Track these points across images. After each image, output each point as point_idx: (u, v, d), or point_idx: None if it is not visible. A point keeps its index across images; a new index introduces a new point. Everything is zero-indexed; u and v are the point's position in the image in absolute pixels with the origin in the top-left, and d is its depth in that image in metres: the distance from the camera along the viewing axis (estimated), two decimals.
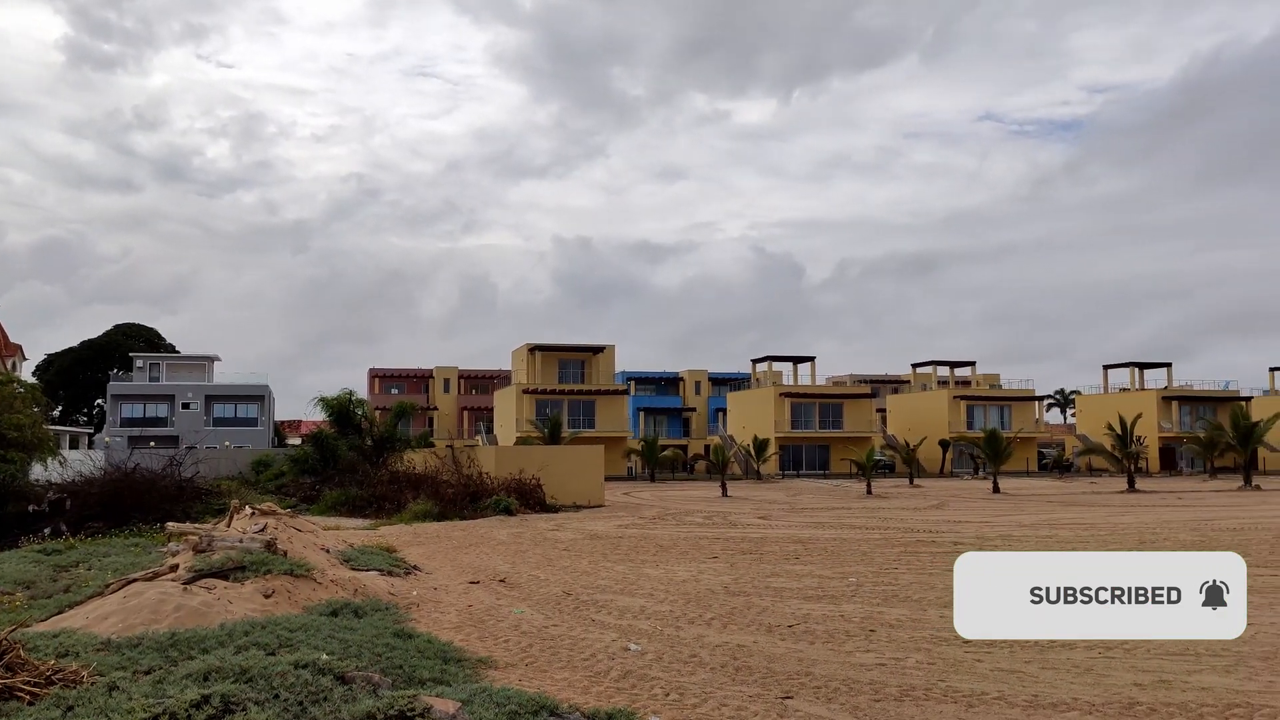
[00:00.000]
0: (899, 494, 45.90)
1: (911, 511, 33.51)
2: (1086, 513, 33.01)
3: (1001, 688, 8.99)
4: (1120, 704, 8.43)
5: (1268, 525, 26.98)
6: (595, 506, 35.12)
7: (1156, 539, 23.07)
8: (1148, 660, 10.03)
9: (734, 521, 29.25)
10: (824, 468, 73.36)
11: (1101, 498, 43.10)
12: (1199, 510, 34.02)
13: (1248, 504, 37.77)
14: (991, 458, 50.84)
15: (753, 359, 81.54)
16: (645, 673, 9.63)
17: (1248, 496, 43.82)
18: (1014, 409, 79.09)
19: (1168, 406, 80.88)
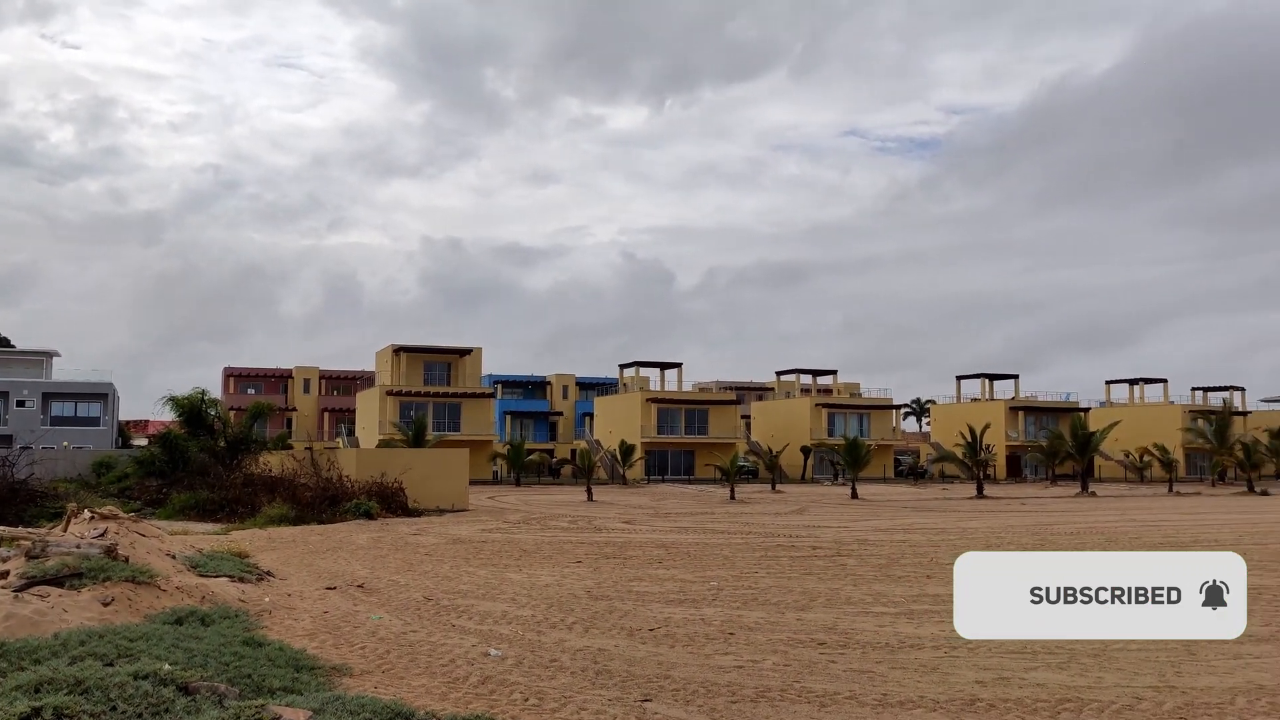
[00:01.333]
0: (762, 499, 46.80)
1: (773, 516, 34.20)
2: (938, 518, 34.29)
3: (853, 687, 9.25)
4: (963, 700, 8.78)
5: (1101, 530, 28.55)
6: (459, 510, 34.68)
7: (1001, 543, 24.12)
8: (989, 659, 10.47)
9: (599, 526, 29.30)
10: (689, 473, 74.22)
11: (953, 503, 44.85)
12: (1040, 516, 35.76)
13: (1084, 509, 39.89)
14: (851, 464, 52.31)
15: (620, 364, 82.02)
16: (505, 678, 9.55)
17: (1084, 502, 46.28)
18: (873, 417, 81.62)
19: (1014, 416, 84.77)
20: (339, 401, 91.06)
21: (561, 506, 39.71)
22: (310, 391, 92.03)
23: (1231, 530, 28.63)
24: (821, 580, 16.84)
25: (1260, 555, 21.51)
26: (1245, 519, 34.16)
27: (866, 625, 12.50)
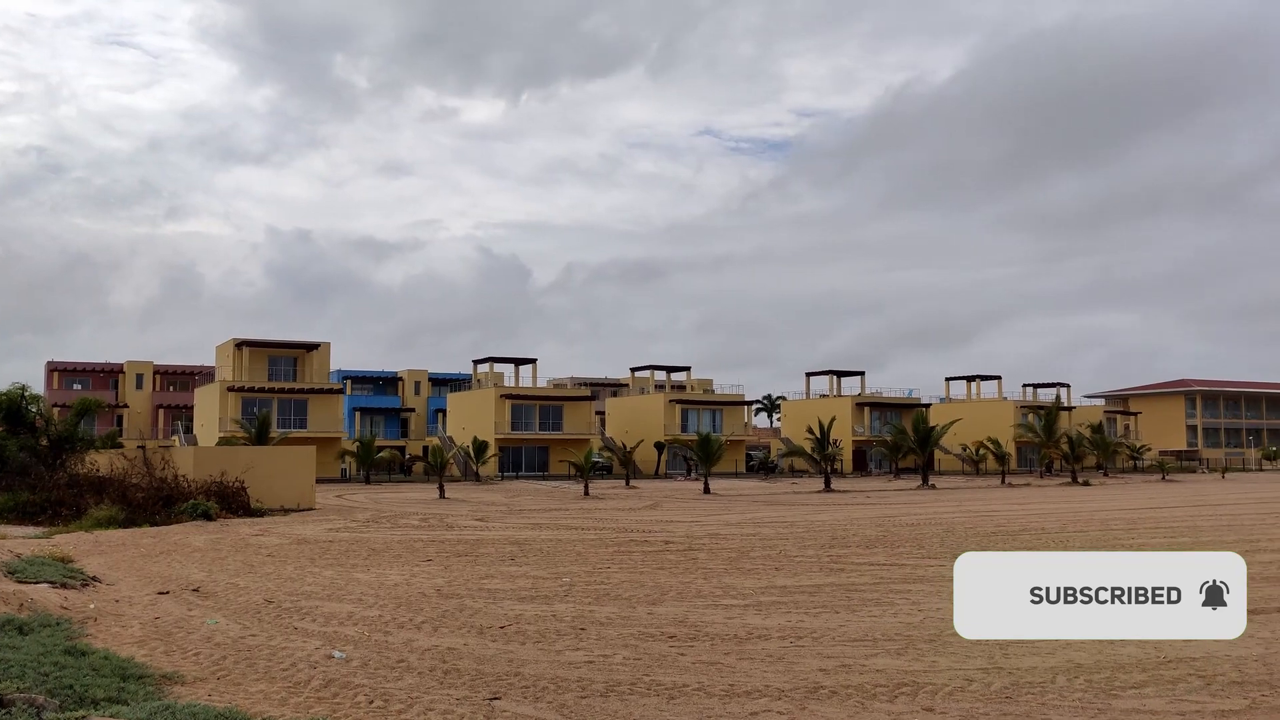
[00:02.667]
0: (615, 495, 47.04)
1: (626, 512, 34.40)
2: (787, 511, 35.16)
3: (701, 679, 9.35)
4: (806, 688, 8.99)
5: (940, 520, 29.81)
6: (305, 510, 33.62)
7: (847, 535, 24.87)
8: (832, 647, 10.76)
9: (451, 524, 28.89)
10: (544, 469, 73.98)
11: (801, 497, 46.07)
12: (883, 508, 37.09)
13: (924, 501, 41.61)
14: (703, 459, 53.12)
15: (474, 360, 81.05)
16: (349, 680, 9.27)
17: (925, 494, 48.29)
18: (725, 413, 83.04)
19: (861, 412, 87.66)
20: (176, 398, 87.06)
21: (413, 504, 38.97)
22: (144, 387, 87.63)
23: (1056, 518, 30.34)
24: (673, 574, 17.01)
25: (1081, 542, 22.86)
26: (1068, 508, 36.27)
27: (716, 618, 12.68)
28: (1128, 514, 32.96)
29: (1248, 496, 45.18)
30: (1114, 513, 33.60)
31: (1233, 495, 46.45)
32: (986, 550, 20.34)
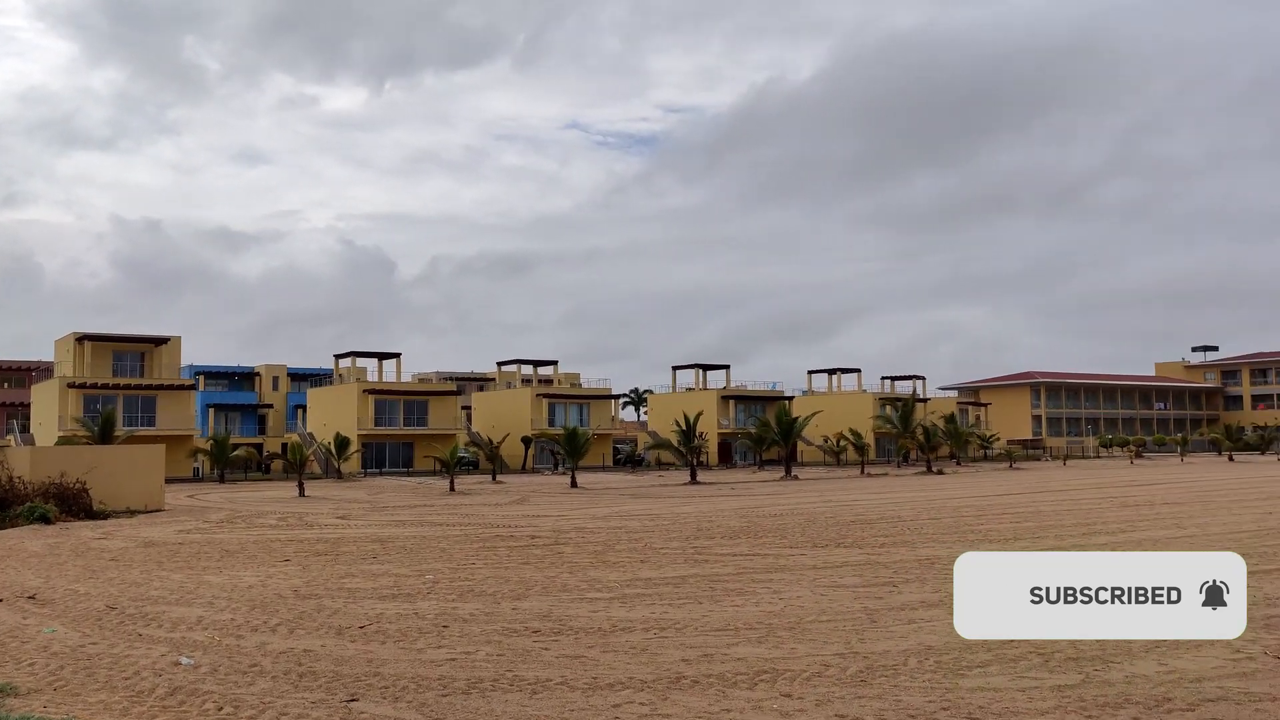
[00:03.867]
0: (482, 490, 46.57)
1: (493, 507, 34.10)
2: (654, 504, 35.43)
3: (565, 673, 9.32)
4: (669, 679, 9.06)
5: (802, 511, 30.53)
6: (154, 511, 32.17)
7: (712, 526, 25.21)
8: (695, 638, 10.88)
9: (310, 522, 28.09)
10: (408, 465, 72.70)
11: (668, 490, 46.50)
12: (748, 499, 37.76)
13: (788, 492, 42.54)
14: (570, 453, 53.07)
15: (336, 354, 79.00)
16: (197, 687, 8.90)
17: (788, 485, 49.38)
18: (593, 407, 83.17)
19: (726, 405, 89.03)
20: (10, 395, 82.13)
21: (270, 503, 37.75)
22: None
23: (912, 507, 31.44)
24: (539, 569, 16.93)
25: (934, 529, 23.73)
26: (923, 497, 37.65)
27: (581, 611, 12.67)
28: (978, 501, 34.42)
29: (1086, 482, 47.77)
30: (965, 500, 35.03)
31: (1073, 482, 49.03)
32: (914, 543, 20.90)
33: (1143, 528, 23.38)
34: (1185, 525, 23.81)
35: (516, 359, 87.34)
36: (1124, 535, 21.47)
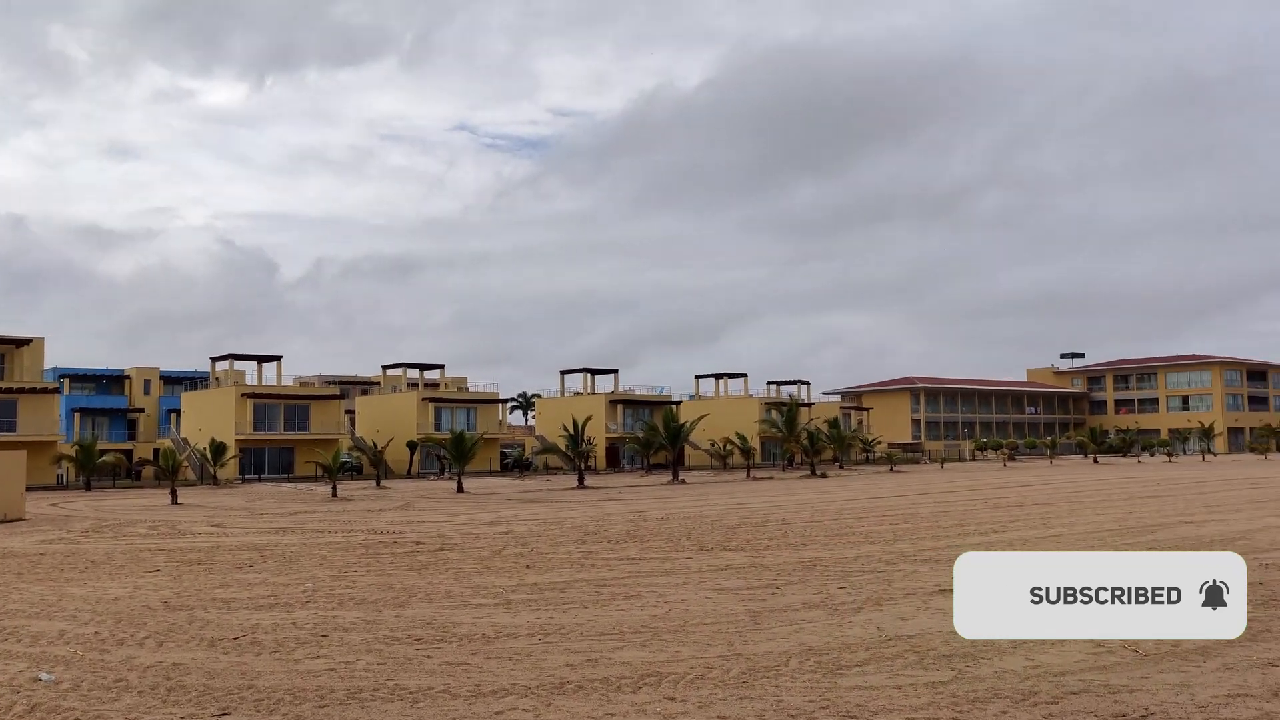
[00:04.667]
0: (365, 496, 45.63)
1: (376, 513, 33.45)
2: (541, 509, 35.26)
3: (447, 681, 9.19)
4: (553, 684, 9.01)
5: (688, 514, 30.78)
6: (13, 520, 30.58)
7: (599, 531, 25.21)
8: (580, 642, 10.85)
9: (183, 531, 27.08)
10: (289, 471, 70.73)
11: (555, 494, 46.34)
12: (635, 503, 37.89)
13: (675, 496, 42.85)
14: (457, 458, 52.43)
15: (213, 357, 76.39)
16: (58, 704, 8.49)
17: (675, 489, 49.73)
18: (480, 411, 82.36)
19: (614, 409, 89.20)
20: None
21: (141, 511, 36.26)
22: None
23: (796, 510, 32.01)
24: (423, 576, 16.66)
25: (816, 532, 24.20)
26: (807, 499, 38.38)
27: (465, 618, 12.51)
28: (859, 504, 35.24)
29: (961, 485, 49.39)
30: (847, 503, 35.83)
31: (950, 484, 50.63)
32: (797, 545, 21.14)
33: (1014, 528, 24.27)
34: (1053, 525, 24.80)
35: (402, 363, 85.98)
36: (996, 535, 22.25)
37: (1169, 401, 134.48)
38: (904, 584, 14.79)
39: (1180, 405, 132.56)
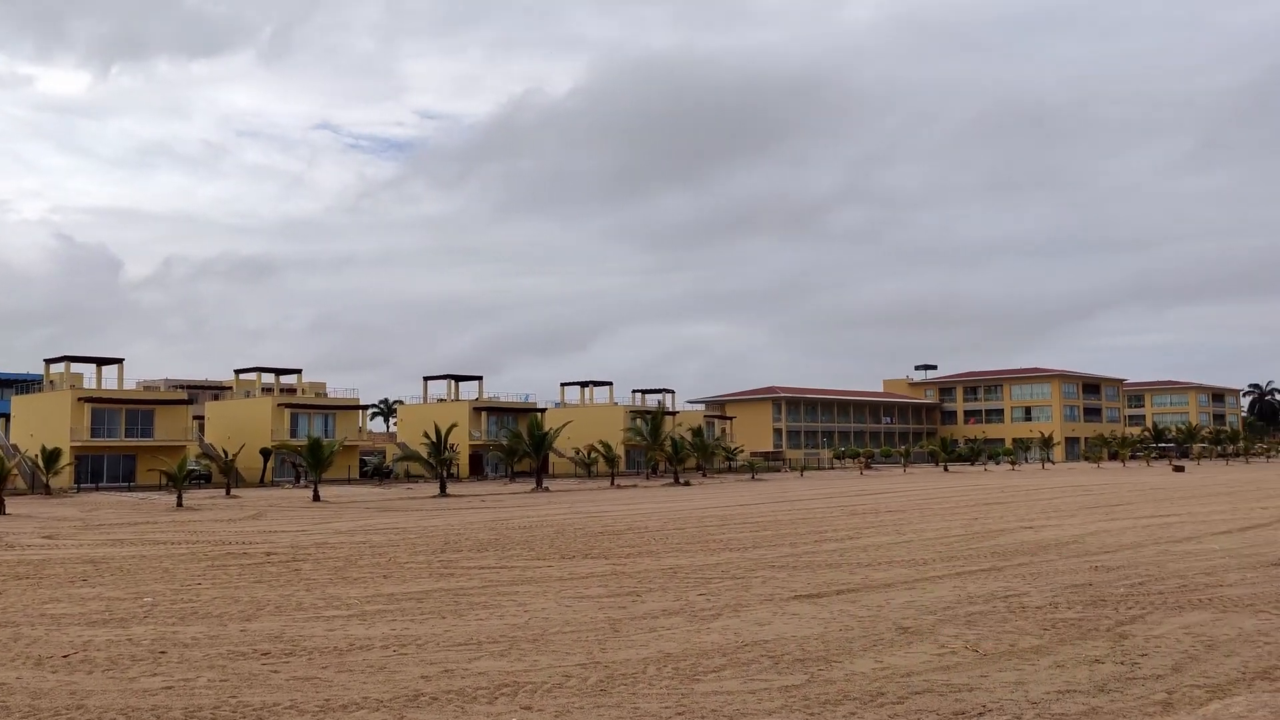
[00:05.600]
0: (214, 505, 43.82)
1: (225, 523, 32.16)
2: (401, 517, 34.53)
3: (295, 696, 8.86)
4: (406, 696, 8.79)
5: (551, 522, 30.64)
6: None
7: (460, 540, 24.83)
8: (436, 653, 10.63)
9: (11, 543, 25.46)
10: (130, 480, 67.36)
11: (416, 502, 45.47)
12: (498, 511, 37.51)
13: (538, 504, 42.60)
14: (313, 466, 50.91)
15: (47, 359, 72.27)
16: None
17: (539, 497, 49.44)
18: (339, 417, 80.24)
19: (478, 416, 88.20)
20: None
21: None
22: None
23: (659, 518, 32.24)
24: (273, 587, 16.07)
25: (678, 539, 24.41)
26: (670, 507, 38.69)
27: (316, 630, 12.11)
28: (721, 511, 35.71)
29: (820, 492, 50.66)
30: (709, 510, 36.27)
31: (809, 492, 51.86)
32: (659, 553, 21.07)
33: (868, 534, 24.99)
34: (904, 531, 25.64)
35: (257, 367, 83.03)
36: (851, 542, 22.86)
37: (1013, 412, 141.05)
38: (762, 590, 15.03)
39: (1023, 416, 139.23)
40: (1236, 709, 8.01)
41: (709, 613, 12.98)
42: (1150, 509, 32.74)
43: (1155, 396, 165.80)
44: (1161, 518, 28.76)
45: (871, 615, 12.56)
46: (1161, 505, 34.77)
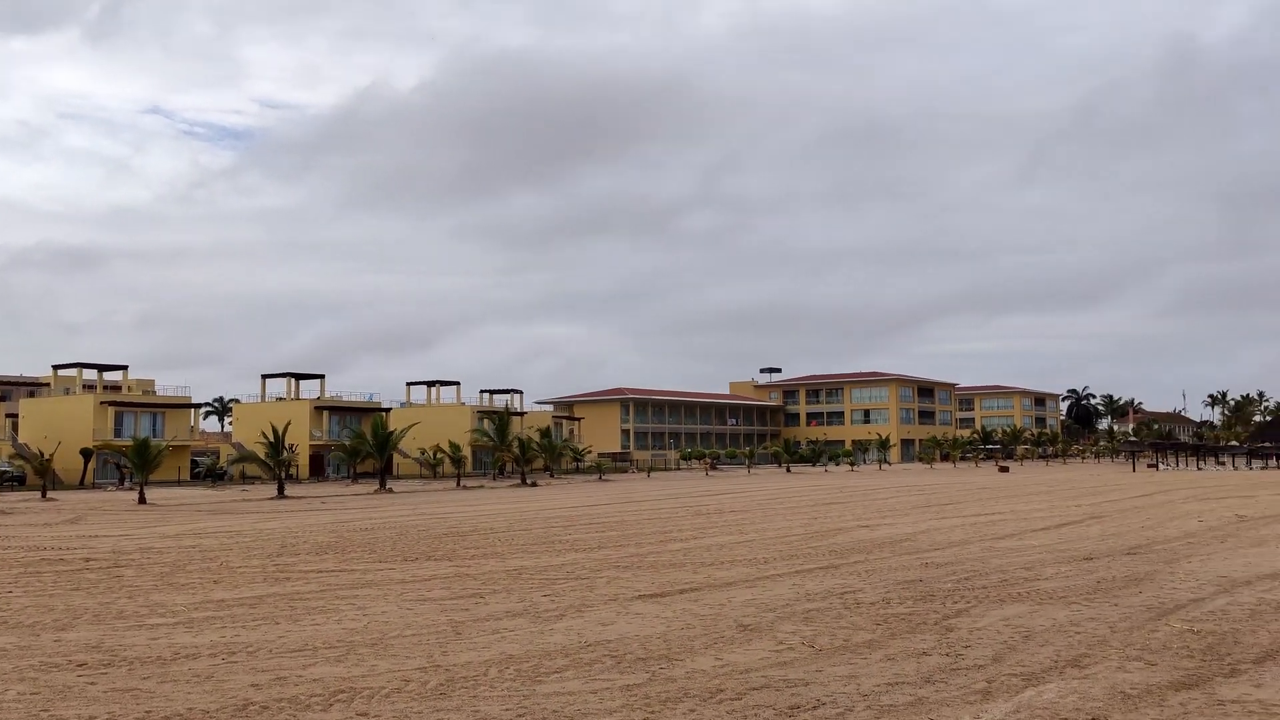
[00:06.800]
0: (27, 509, 41.13)
1: (40, 528, 30.23)
2: (235, 520, 33.21)
3: (113, 709, 8.38)
4: (235, 706, 8.43)
5: (394, 524, 30.00)
6: None
7: (297, 543, 24.05)
8: (268, 660, 10.24)
9: None
10: None
11: (252, 505, 43.82)
12: (339, 513, 36.52)
13: (381, 506, 41.68)
14: (139, 467, 48.44)
15: None
16: None
17: (382, 499, 48.39)
18: (168, 416, 76.63)
19: (320, 416, 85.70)
20: None
21: None
22: None
23: (505, 519, 31.99)
24: (91, 595, 15.18)
25: (524, 540, 24.28)
26: (516, 508, 38.46)
27: (139, 639, 11.50)
28: (568, 512, 35.70)
29: (666, 493, 51.26)
30: (556, 512, 36.21)
31: (655, 493, 52.40)
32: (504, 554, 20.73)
33: (712, 533, 25.42)
34: (747, 531, 26.19)
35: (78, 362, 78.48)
36: (695, 541, 23.20)
37: (853, 415, 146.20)
38: (606, 590, 15.08)
39: (863, 418, 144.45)
40: (1049, 696, 8.48)
41: (553, 614, 12.94)
42: (977, 508, 34.42)
43: (984, 400, 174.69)
44: (988, 516, 30.28)
45: (713, 614, 12.77)
46: (988, 504, 36.61)
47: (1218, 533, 23.78)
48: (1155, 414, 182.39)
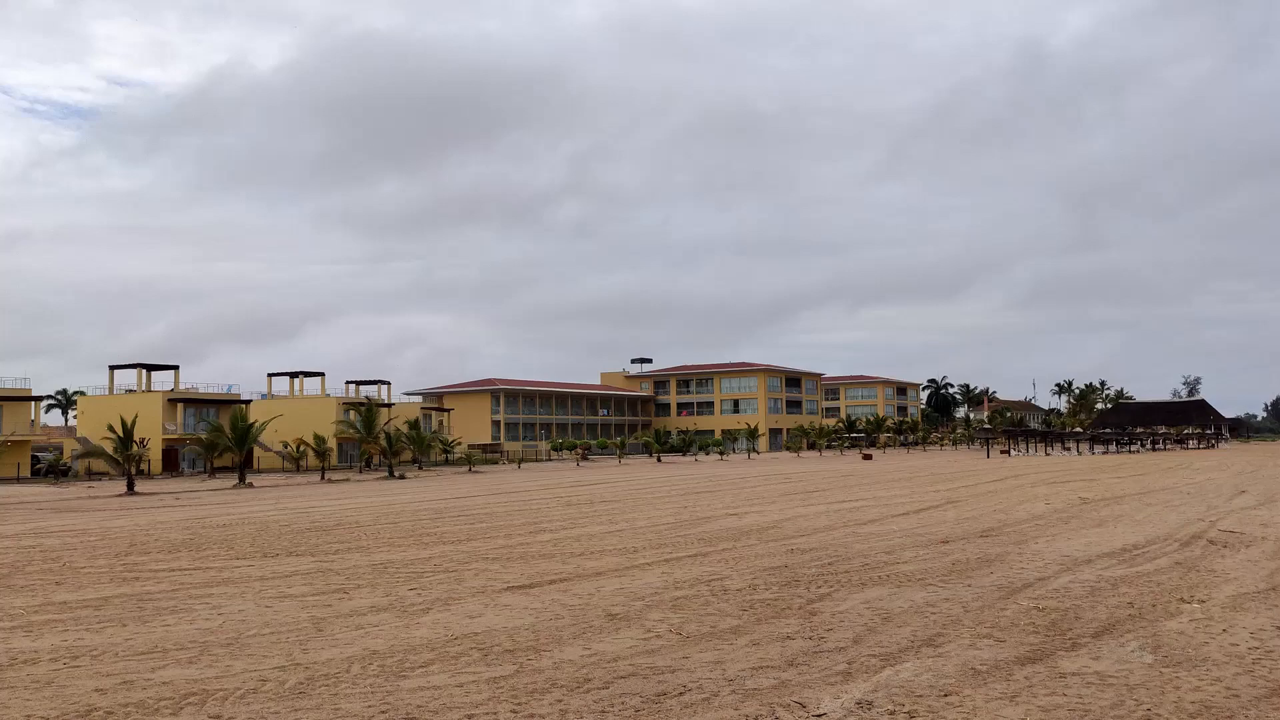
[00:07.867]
0: None
1: None
2: (80, 518, 31.62)
3: None
4: (78, 712, 7.99)
5: (254, 520, 29.02)
6: None
7: (148, 541, 23.03)
8: (115, 664, 9.75)
9: None
10: None
11: (99, 502, 41.80)
12: (195, 509, 35.12)
13: (240, 501, 40.27)
14: None
15: None
16: None
17: (241, 494, 46.76)
18: (7, 409, 72.35)
19: (174, 409, 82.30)
20: None
21: None
22: None
23: (371, 513, 31.31)
24: None
25: (390, 534, 23.80)
26: (383, 501, 37.70)
27: None
28: (436, 505, 35.17)
29: (536, 484, 51.03)
30: (424, 504, 35.62)
31: (526, 484, 52.10)
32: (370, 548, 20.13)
33: (583, 524, 25.41)
34: (617, 521, 26.28)
35: None
36: (565, 531, 23.15)
37: (723, 405, 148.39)
38: (475, 583, 14.90)
39: (732, 408, 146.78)
40: (905, 675, 8.75)
41: (419, 607, 12.71)
42: (841, 495, 35.38)
43: (848, 390, 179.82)
44: (851, 502, 31.14)
45: (582, 604, 12.75)
46: (851, 491, 37.67)
47: (1062, 515, 25.02)
48: (1008, 402, 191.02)
